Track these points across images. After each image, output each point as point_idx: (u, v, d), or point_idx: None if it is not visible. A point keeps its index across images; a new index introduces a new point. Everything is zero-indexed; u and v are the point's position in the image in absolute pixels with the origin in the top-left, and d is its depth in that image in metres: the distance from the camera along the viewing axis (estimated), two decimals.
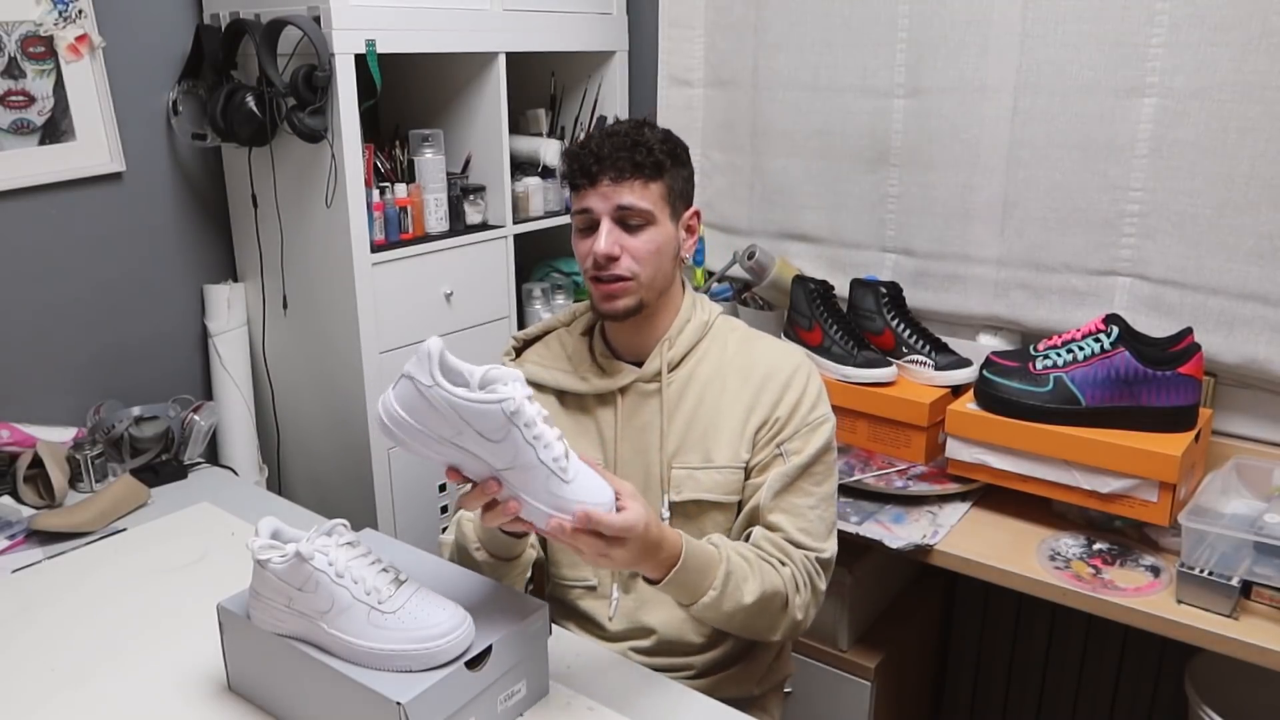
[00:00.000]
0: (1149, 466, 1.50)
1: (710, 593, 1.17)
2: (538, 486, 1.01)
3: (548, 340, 1.42)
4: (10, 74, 1.71)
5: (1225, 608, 1.36)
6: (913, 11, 1.92)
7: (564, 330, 1.42)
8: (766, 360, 1.32)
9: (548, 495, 1.01)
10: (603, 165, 1.25)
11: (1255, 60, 1.59)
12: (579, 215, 1.29)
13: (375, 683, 0.98)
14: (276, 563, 1.03)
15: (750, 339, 1.36)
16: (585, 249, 1.28)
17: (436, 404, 0.98)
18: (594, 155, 1.26)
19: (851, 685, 1.77)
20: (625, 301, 1.27)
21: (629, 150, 1.25)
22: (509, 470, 1.00)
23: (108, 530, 1.56)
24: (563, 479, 1.01)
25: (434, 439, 1.00)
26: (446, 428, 0.99)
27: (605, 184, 1.25)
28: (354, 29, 1.75)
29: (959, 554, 1.56)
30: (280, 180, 1.90)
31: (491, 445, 0.99)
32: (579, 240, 1.30)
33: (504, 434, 0.98)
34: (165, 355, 2.02)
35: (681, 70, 2.27)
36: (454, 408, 0.97)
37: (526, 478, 1.00)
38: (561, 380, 1.36)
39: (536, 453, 0.99)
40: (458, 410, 0.98)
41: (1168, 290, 1.76)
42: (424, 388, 0.98)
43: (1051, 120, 1.81)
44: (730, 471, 1.30)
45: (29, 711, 1.12)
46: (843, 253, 2.13)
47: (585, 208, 1.27)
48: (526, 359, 1.40)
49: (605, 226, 1.26)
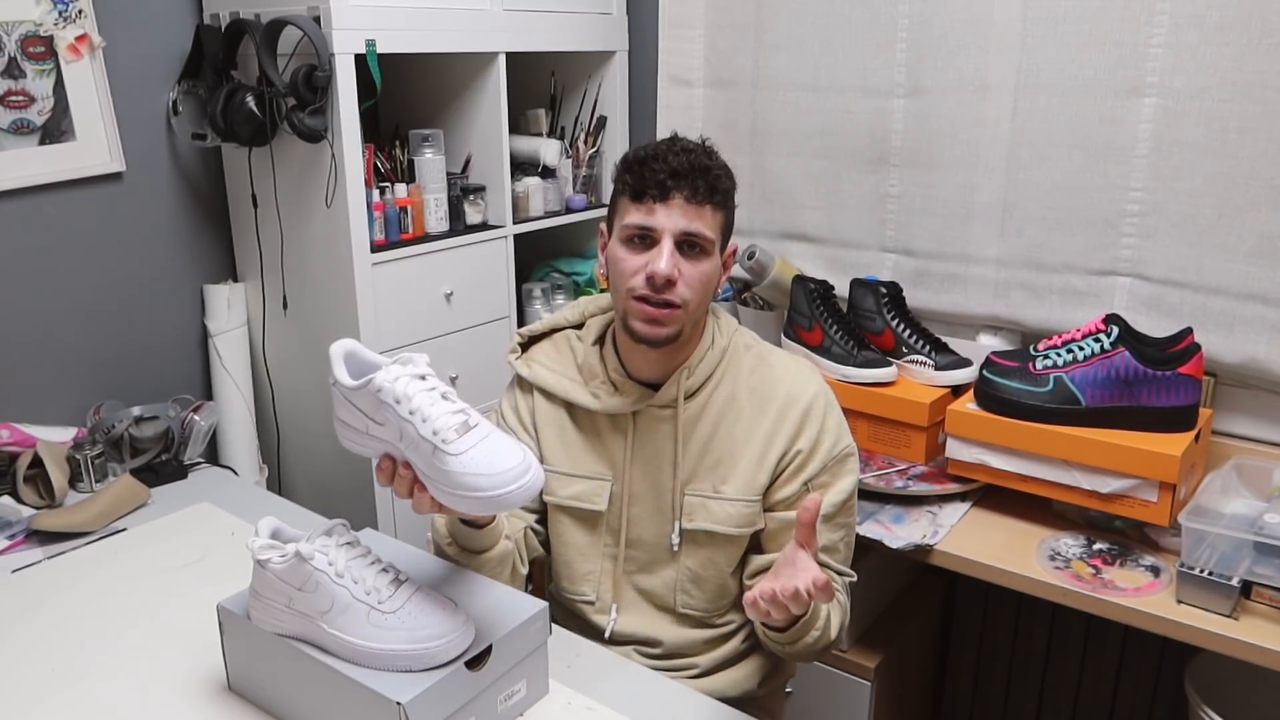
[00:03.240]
0: (1149, 466, 1.50)
1: (814, 633, 1.18)
2: (425, 463, 0.99)
3: (555, 340, 1.37)
4: (10, 74, 1.71)
5: (1225, 608, 1.36)
6: (913, 11, 1.92)
7: (573, 333, 1.37)
8: (784, 387, 1.28)
9: (435, 471, 0.98)
10: (679, 183, 1.18)
11: (1255, 60, 1.59)
12: (635, 228, 1.20)
13: (375, 683, 0.98)
14: (276, 563, 1.03)
15: (765, 359, 1.31)
16: (636, 265, 1.20)
17: (339, 398, 1.03)
18: (670, 170, 1.18)
19: (851, 685, 1.77)
20: (669, 329, 1.21)
21: (704, 173, 1.19)
22: (409, 451, 1.00)
23: (108, 530, 1.56)
24: (446, 452, 0.96)
25: (357, 431, 1.03)
26: (356, 419, 1.02)
27: (678, 203, 1.18)
28: (354, 29, 1.75)
29: (959, 554, 1.56)
30: (280, 180, 1.90)
31: (380, 428, 1.01)
32: (627, 253, 1.21)
33: (383, 413, 1.00)
34: (165, 355, 2.02)
35: (681, 70, 2.27)
36: (346, 397, 1.02)
37: (418, 456, 0.99)
38: (572, 392, 1.31)
39: (416, 428, 0.98)
40: (348, 398, 1.01)
41: (1168, 290, 1.76)
42: (331, 386, 1.03)
43: (1051, 120, 1.81)
44: (744, 505, 1.27)
45: (29, 711, 1.12)
46: (843, 253, 2.13)
47: (649, 225, 1.19)
48: (534, 358, 1.36)
49: (668, 247, 1.18)
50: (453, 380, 2.05)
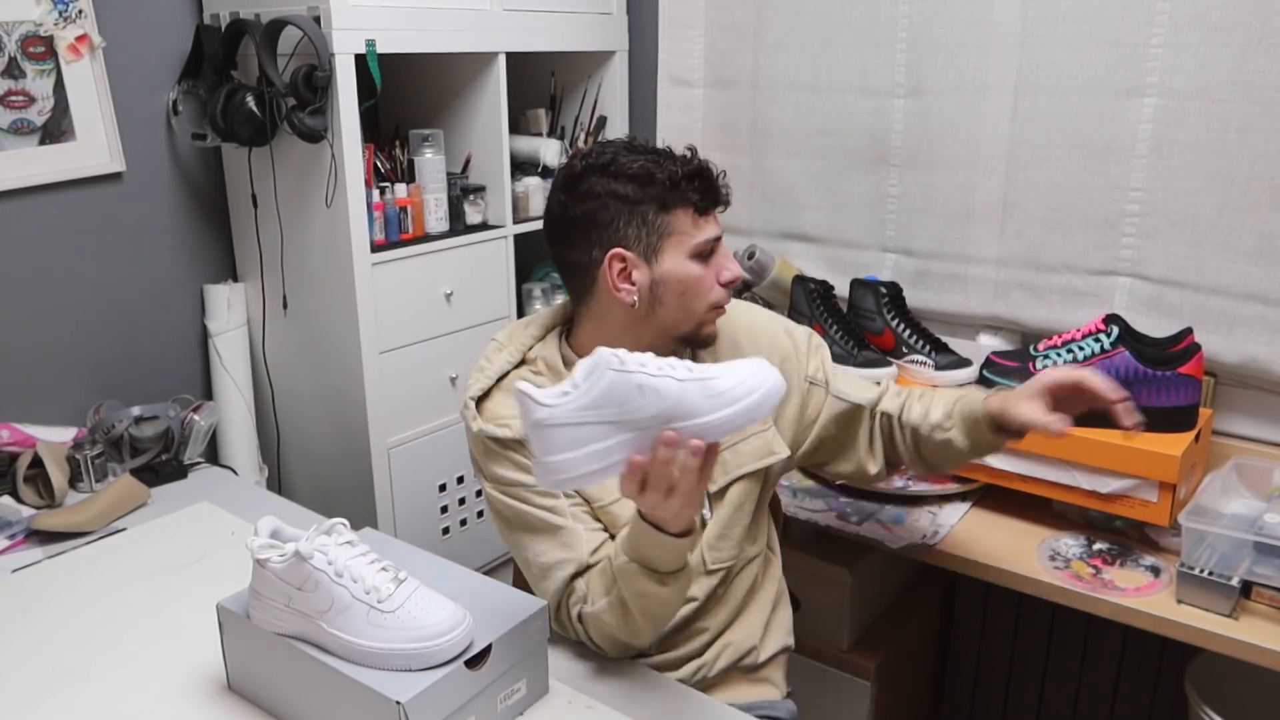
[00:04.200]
0: (1149, 466, 1.50)
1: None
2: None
3: (507, 386, 1.26)
4: (10, 74, 1.71)
5: (1225, 608, 1.36)
6: (913, 11, 1.92)
7: (524, 371, 1.27)
8: (727, 323, 1.33)
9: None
10: (718, 193, 1.24)
11: (1255, 60, 1.59)
12: (711, 241, 1.23)
13: (375, 682, 0.98)
14: (276, 562, 1.03)
15: (744, 314, 1.39)
16: (711, 275, 1.23)
17: (602, 393, 0.97)
18: (713, 178, 1.23)
19: (851, 685, 1.77)
20: None
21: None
22: (680, 416, 0.96)
23: (108, 530, 1.56)
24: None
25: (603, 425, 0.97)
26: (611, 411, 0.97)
27: (718, 210, 1.25)
28: (354, 29, 1.75)
29: (959, 554, 1.56)
30: (280, 180, 1.90)
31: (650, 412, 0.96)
32: (702, 267, 1.23)
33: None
34: (165, 355, 2.02)
35: (681, 70, 2.27)
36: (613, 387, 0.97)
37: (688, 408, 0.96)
38: None
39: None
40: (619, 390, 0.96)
41: (1168, 290, 1.76)
42: (617, 370, 0.96)
43: (1051, 120, 1.81)
44: (757, 438, 1.32)
45: (29, 711, 1.12)
46: (843, 253, 2.13)
47: (720, 234, 1.24)
48: (503, 418, 1.22)
49: (728, 251, 1.25)
50: (453, 380, 2.05)
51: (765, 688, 1.40)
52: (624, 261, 1.21)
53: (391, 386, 1.93)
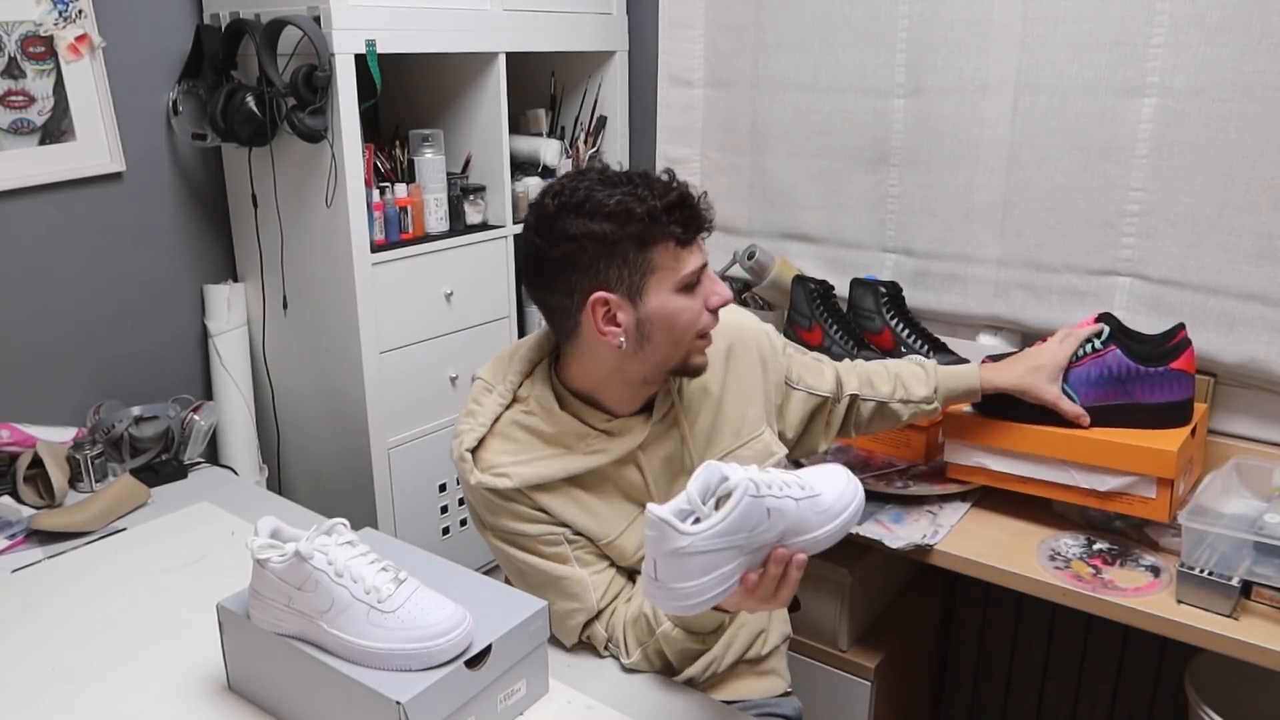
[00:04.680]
0: (1146, 463, 1.50)
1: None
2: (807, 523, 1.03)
3: (503, 434, 1.22)
4: (10, 74, 1.71)
5: (1225, 608, 1.36)
6: (913, 11, 1.92)
7: (516, 414, 1.23)
8: (731, 328, 1.34)
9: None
10: (701, 219, 1.18)
11: (1255, 60, 1.59)
12: (697, 272, 1.17)
13: (375, 682, 0.98)
14: (276, 562, 1.03)
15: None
16: (697, 306, 1.18)
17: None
18: (694, 204, 1.16)
19: (851, 685, 1.77)
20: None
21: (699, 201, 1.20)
22: (795, 533, 1.01)
23: (108, 530, 1.56)
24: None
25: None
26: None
27: (702, 238, 1.19)
28: (354, 29, 1.75)
29: (959, 554, 1.55)
30: (280, 180, 1.90)
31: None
32: (688, 300, 1.17)
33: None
34: (165, 355, 2.02)
35: (681, 70, 2.27)
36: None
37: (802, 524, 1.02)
38: (570, 467, 1.21)
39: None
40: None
41: (1168, 290, 1.76)
42: (754, 496, 0.98)
43: (1051, 120, 1.81)
44: (757, 442, 1.34)
45: (29, 711, 1.12)
46: (843, 253, 2.13)
47: (700, 265, 1.17)
48: (500, 468, 1.20)
49: (714, 276, 1.20)
50: (453, 380, 2.05)
51: (771, 680, 1.40)
52: (607, 305, 1.15)
53: (391, 386, 1.93)
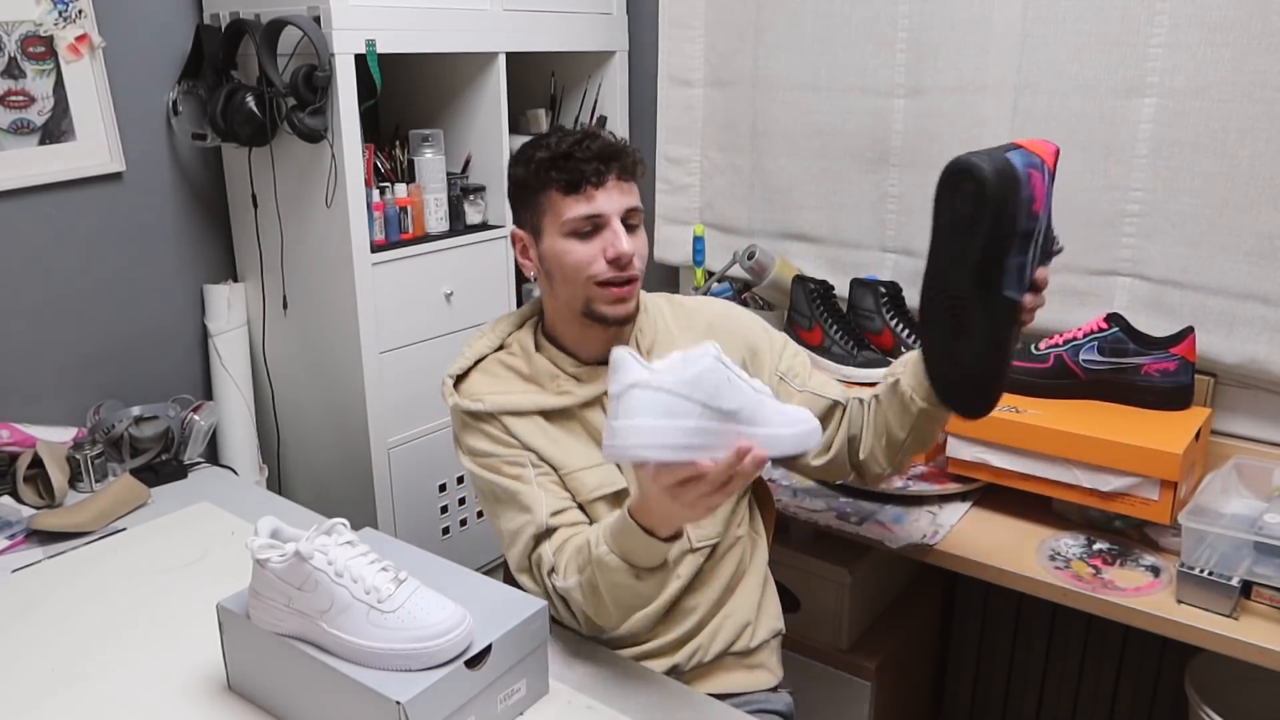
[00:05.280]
0: (1150, 464, 1.50)
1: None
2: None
3: (486, 369, 1.34)
4: (10, 74, 1.71)
5: (1225, 608, 1.36)
6: (913, 11, 1.92)
7: (502, 355, 1.35)
8: (699, 311, 1.40)
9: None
10: (609, 165, 1.24)
11: (1255, 60, 1.59)
12: (584, 219, 1.24)
13: (375, 682, 0.98)
14: (276, 562, 1.03)
15: (673, 300, 1.43)
16: (590, 253, 1.24)
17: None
18: (595, 155, 1.23)
19: (851, 685, 1.77)
20: (633, 304, 1.29)
21: (623, 152, 1.26)
22: (753, 421, 1.02)
23: (107, 530, 1.56)
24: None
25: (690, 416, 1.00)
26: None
27: (613, 183, 1.24)
28: (354, 29, 1.75)
29: (959, 554, 1.55)
30: (280, 180, 1.90)
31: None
32: (579, 244, 1.24)
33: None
34: (165, 355, 2.02)
35: (681, 70, 2.27)
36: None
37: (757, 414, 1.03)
38: (540, 401, 1.30)
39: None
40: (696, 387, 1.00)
41: (1168, 290, 1.76)
42: (714, 358, 1.01)
43: (1051, 120, 1.80)
44: None
45: (29, 711, 1.12)
46: (843, 253, 2.13)
47: (596, 213, 1.23)
48: (475, 393, 1.31)
49: (618, 227, 1.24)
50: None
51: (760, 674, 1.40)
52: (521, 240, 1.32)
53: (391, 386, 1.93)
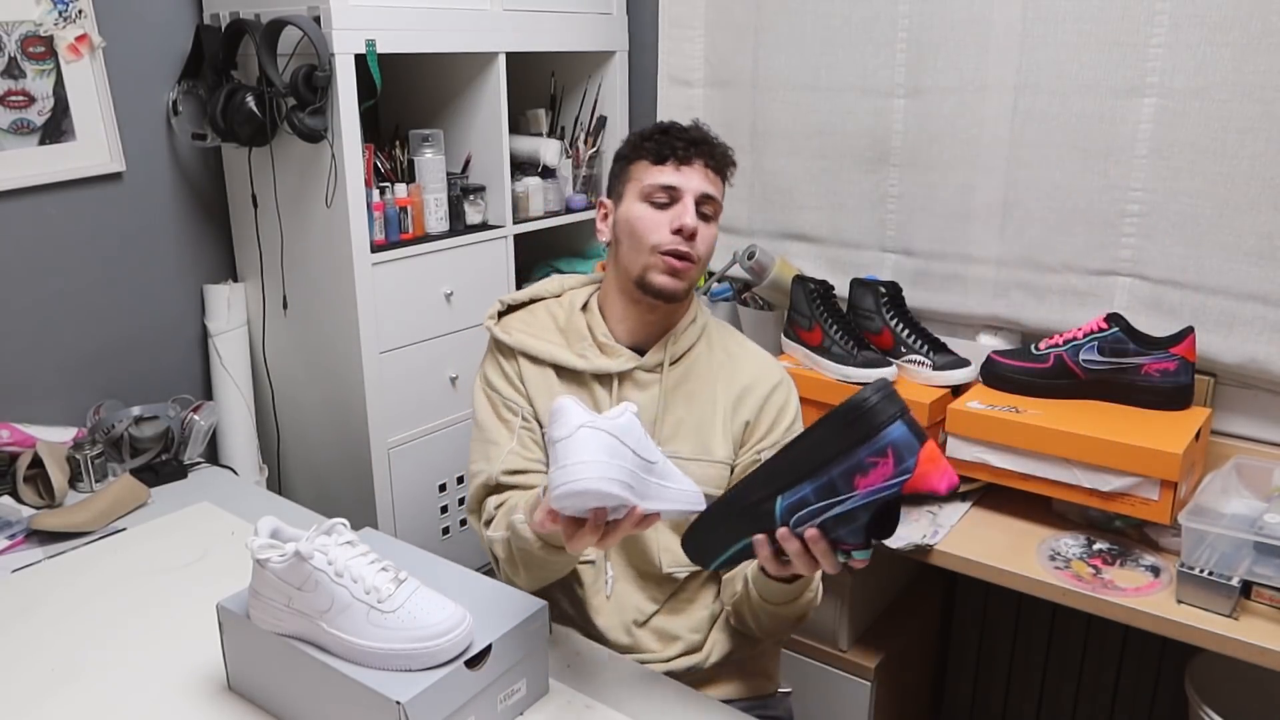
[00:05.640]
0: (1151, 464, 1.50)
1: (808, 593, 1.25)
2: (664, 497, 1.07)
3: (533, 309, 1.42)
4: (10, 74, 1.71)
5: (1225, 608, 1.36)
6: (913, 11, 1.92)
7: (552, 302, 1.42)
8: (751, 370, 1.38)
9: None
10: (699, 151, 1.31)
11: (1255, 60, 1.59)
12: (661, 189, 1.30)
13: (375, 682, 0.98)
14: (276, 562, 1.03)
15: (741, 346, 1.42)
16: (660, 220, 1.29)
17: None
18: (689, 139, 1.31)
19: (851, 685, 1.77)
20: (684, 283, 1.31)
21: (717, 147, 1.34)
22: (658, 475, 1.06)
23: (107, 530, 1.56)
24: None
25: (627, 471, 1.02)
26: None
27: (699, 167, 1.31)
28: (354, 29, 1.75)
29: (959, 554, 1.56)
30: (280, 180, 1.90)
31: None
32: (653, 212, 1.30)
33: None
34: (165, 355, 2.02)
35: (681, 70, 2.27)
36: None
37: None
38: (557, 354, 1.35)
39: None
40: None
41: (1168, 290, 1.76)
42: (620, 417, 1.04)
43: (1051, 120, 1.81)
44: (723, 466, 1.35)
45: (29, 711, 1.12)
46: (843, 253, 2.13)
47: (673, 184, 1.29)
48: (510, 326, 1.39)
49: (690, 204, 1.29)
50: (453, 380, 2.05)
51: (759, 680, 1.40)
52: (604, 207, 1.38)
53: (391, 386, 1.93)
